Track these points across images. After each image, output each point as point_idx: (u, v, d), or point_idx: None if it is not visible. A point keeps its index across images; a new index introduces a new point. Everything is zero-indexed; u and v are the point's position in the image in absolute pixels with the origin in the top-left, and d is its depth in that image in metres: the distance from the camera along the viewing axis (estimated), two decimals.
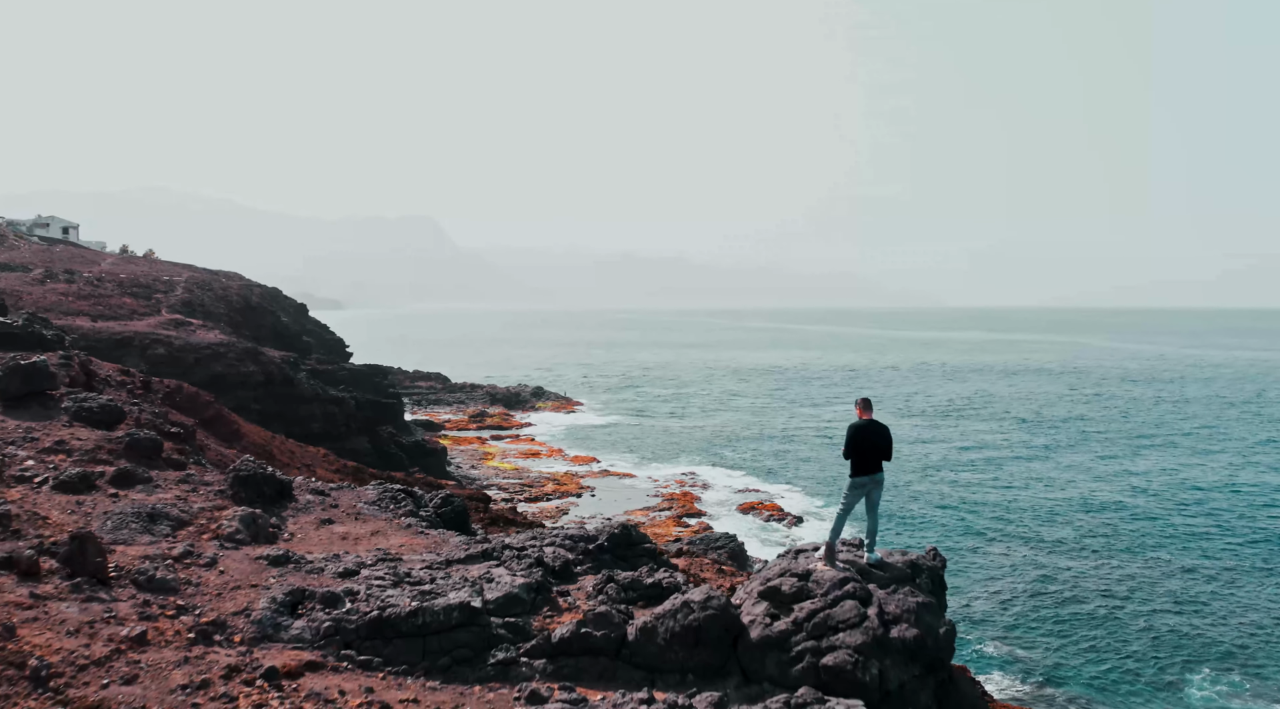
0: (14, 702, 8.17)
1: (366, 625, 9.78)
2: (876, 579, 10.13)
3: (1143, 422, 76.94)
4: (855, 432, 10.78)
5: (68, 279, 65.98)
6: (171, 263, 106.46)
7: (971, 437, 69.49)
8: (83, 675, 8.62)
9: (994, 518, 43.21)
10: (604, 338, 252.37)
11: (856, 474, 10.69)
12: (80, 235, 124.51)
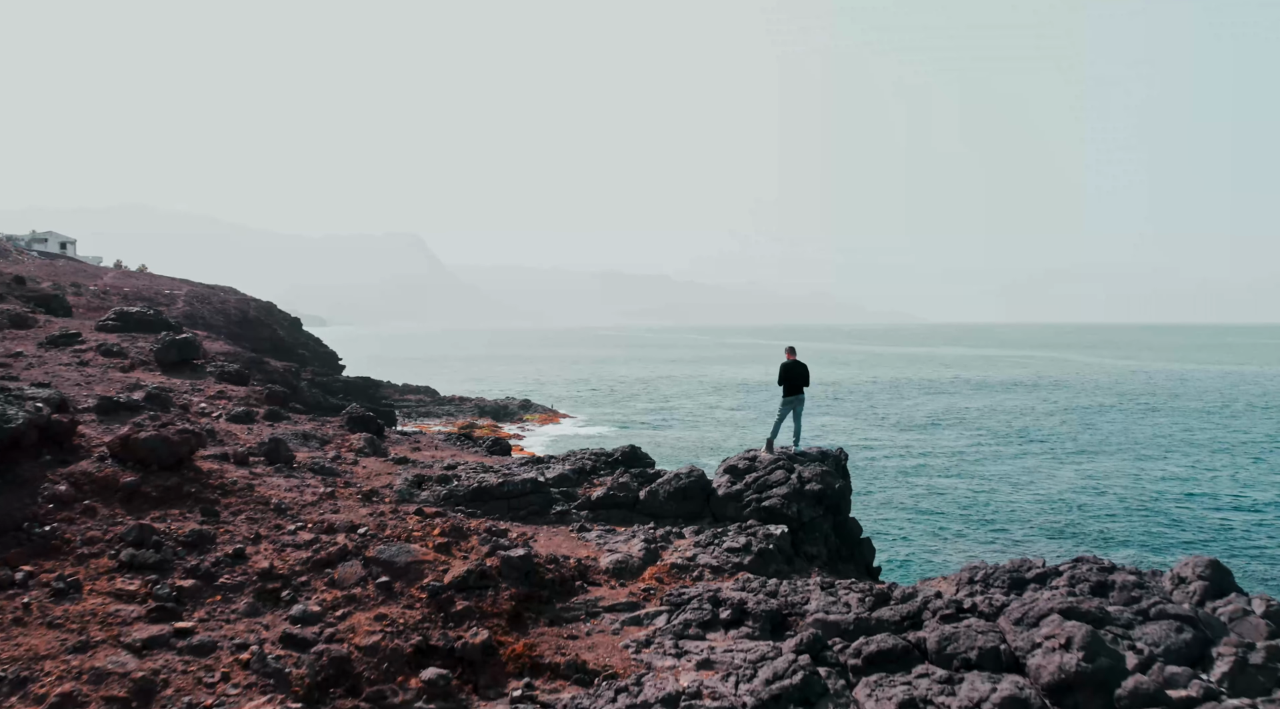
0: (270, 522, 13.46)
1: (470, 493, 15.14)
2: (799, 460, 15.61)
3: (1110, 431, 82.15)
4: (784, 368, 16.48)
5: (75, 292, 70.68)
6: (169, 278, 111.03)
7: (946, 446, 74.61)
8: (305, 510, 13.96)
9: (965, 521, 48.34)
10: (587, 354, 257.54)
11: (785, 395, 16.30)
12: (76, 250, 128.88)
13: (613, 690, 10.20)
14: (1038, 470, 60.78)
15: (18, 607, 10.86)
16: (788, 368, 17.38)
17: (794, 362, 16.85)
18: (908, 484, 58.39)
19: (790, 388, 16.81)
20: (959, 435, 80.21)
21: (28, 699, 9.61)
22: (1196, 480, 56.74)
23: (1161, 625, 10.29)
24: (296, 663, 10.37)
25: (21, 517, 12.43)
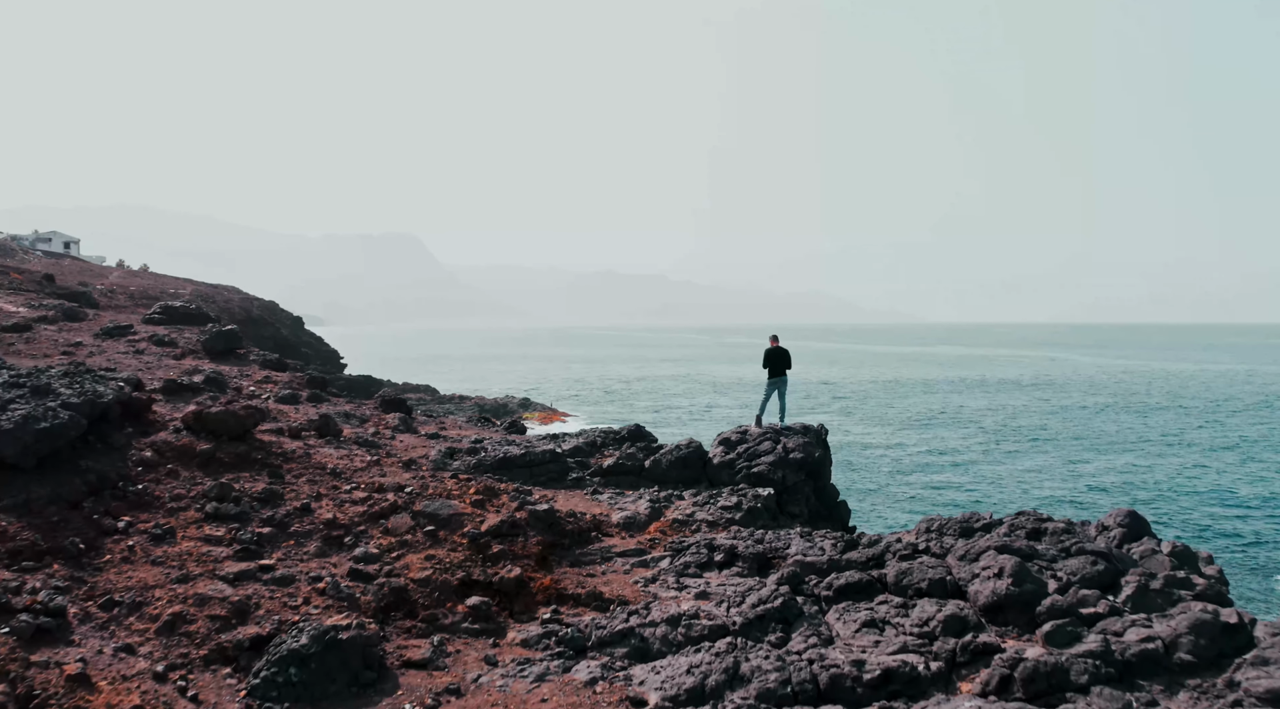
0: (328, 483, 15.57)
1: (496, 462, 17.27)
2: (784, 434, 17.74)
3: (1101, 428, 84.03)
4: (767, 353, 18.73)
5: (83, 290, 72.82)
6: (174, 277, 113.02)
7: (941, 443, 76.63)
8: (356, 474, 16.08)
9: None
10: (585, 354, 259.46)
11: (770, 377, 18.48)
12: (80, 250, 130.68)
13: (625, 613, 12.33)
14: (1028, 466, 62.83)
15: (124, 548, 12.97)
16: (771, 353, 19.90)
17: (776, 348, 19.23)
18: (896, 479, 60.48)
19: (774, 370, 19.16)
20: (951, 432, 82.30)
21: (144, 618, 11.71)
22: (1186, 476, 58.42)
23: (1080, 560, 12.43)
24: (363, 591, 12.49)
25: (117, 477, 14.54)
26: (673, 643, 11.68)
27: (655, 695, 10.61)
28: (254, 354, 23.17)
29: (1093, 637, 10.85)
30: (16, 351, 22.18)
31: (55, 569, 12.30)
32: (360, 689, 10.81)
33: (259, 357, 22.87)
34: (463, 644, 11.93)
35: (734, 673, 10.74)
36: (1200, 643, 10.63)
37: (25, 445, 13.92)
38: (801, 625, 12.07)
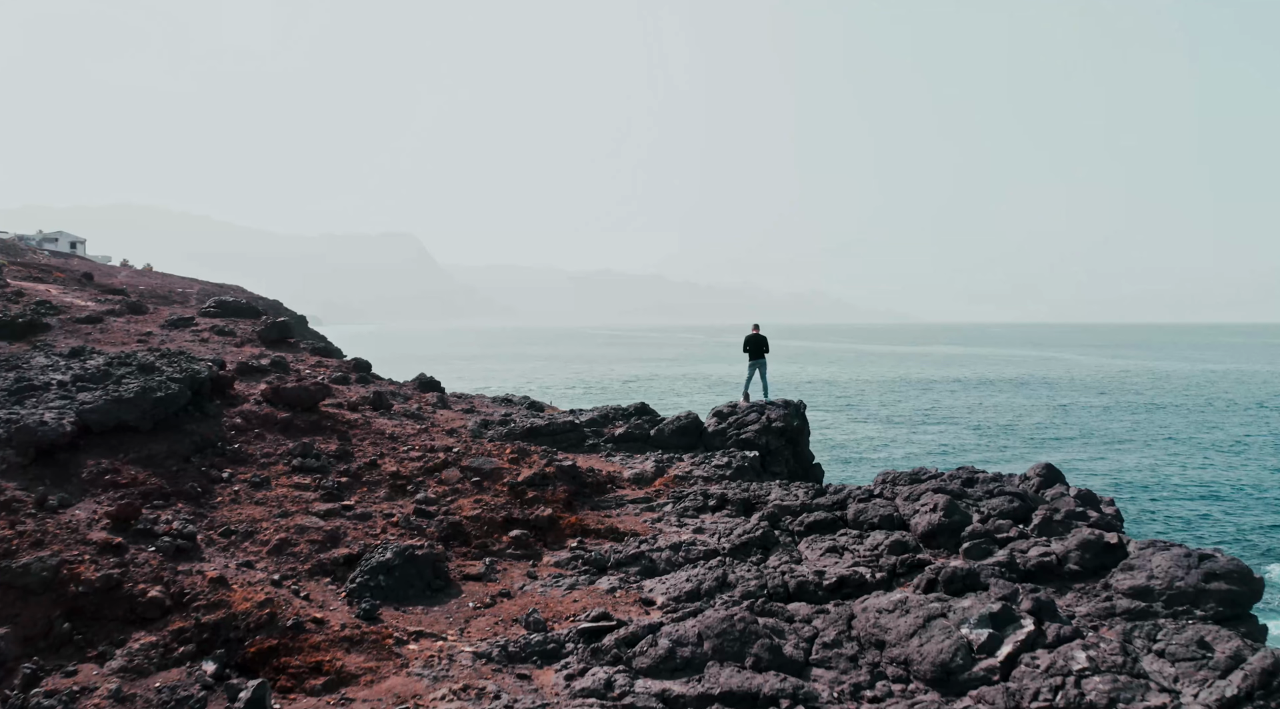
0: (388, 446, 18.64)
1: (524, 431, 20.37)
2: (768, 407, 20.87)
3: (1094, 426, 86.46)
4: (747, 338, 21.97)
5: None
6: (180, 277, 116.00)
7: (937, 442, 79.17)
8: (410, 438, 19.16)
9: None
10: (584, 353, 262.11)
11: (750, 359, 21.69)
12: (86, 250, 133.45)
13: (637, 542, 15.43)
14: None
15: (231, 492, 16.06)
16: (750, 339, 23.35)
17: (756, 335, 22.56)
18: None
19: (753, 353, 22.49)
20: (945, 430, 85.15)
21: (256, 543, 14.80)
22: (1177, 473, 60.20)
23: (1000, 499, 15.54)
24: (427, 524, 15.58)
25: (215, 438, 17.62)
26: (674, 563, 14.78)
27: (661, 597, 13.70)
28: (303, 343, 26.24)
29: (1002, 552, 13.96)
30: (95, 340, 25.22)
31: (180, 507, 15.39)
32: (432, 593, 13.90)
33: (308, 345, 25.93)
34: (508, 564, 15.03)
35: (723, 581, 13.83)
36: (1086, 557, 13.73)
37: (144, 411, 17.01)
38: (778, 551, 15.16)
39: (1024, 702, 10.48)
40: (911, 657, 11.44)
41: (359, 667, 11.86)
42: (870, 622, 12.21)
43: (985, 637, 11.40)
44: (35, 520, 14.14)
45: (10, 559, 13.15)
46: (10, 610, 12.71)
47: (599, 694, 10.95)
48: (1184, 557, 12.96)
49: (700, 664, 11.43)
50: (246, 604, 12.76)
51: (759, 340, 23.52)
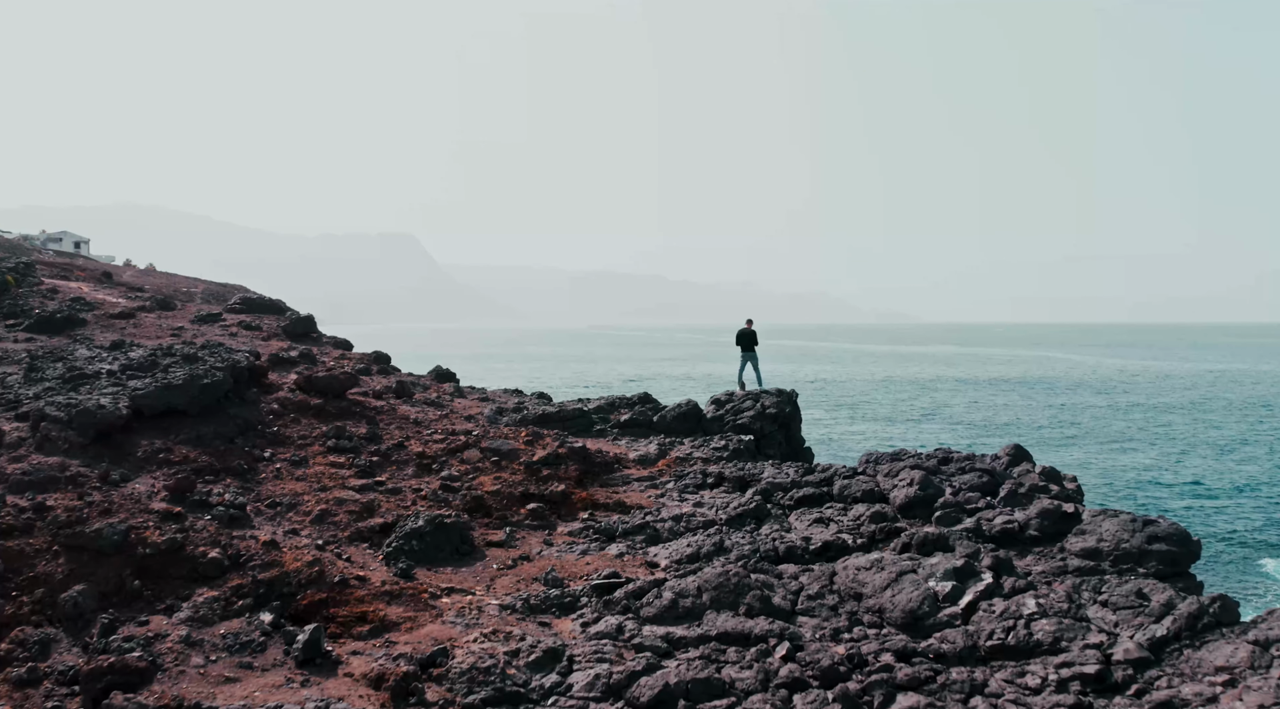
0: (412, 429, 20.23)
1: (537, 417, 21.98)
2: (762, 395, 22.49)
3: (1089, 425, 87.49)
4: (740, 332, 23.66)
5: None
6: (184, 276, 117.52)
7: (934, 440, 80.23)
8: (432, 423, 20.76)
9: None
10: (585, 353, 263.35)
11: (743, 351, 23.38)
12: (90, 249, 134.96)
13: (642, 514, 17.03)
14: None
15: (274, 470, 17.66)
16: (742, 332, 25.16)
17: (747, 329, 24.35)
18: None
19: (745, 345, 24.27)
20: (940, 428, 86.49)
21: (299, 513, 16.40)
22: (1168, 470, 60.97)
23: (971, 475, 17.16)
24: (453, 498, 17.18)
25: (255, 421, 19.23)
26: (676, 532, 16.39)
27: (665, 560, 15.31)
28: (325, 337, 27.84)
29: (970, 520, 15.58)
30: (130, 334, 26.84)
31: (229, 482, 17.00)
32: (460, 557, 15.50)
33: (330, 339, 27.52)
34: (527, 533, 16.63)
35: (720, 546, 15.44)
36: (1045, 524, 15.34)
37: (192, 396, 18.62)
38: (769, 522, 16.77)
39: (980, 641, 12.09)
40: (885, 606, 13.05)
41: (399, 616, 13.47)
42: (850, 577, 13.82)
43: (949, 588, 13.02)
44: (101, 492, 15.77)
45: (83, 525, 14.77)
46: (86, 570, 14.33)
47: (611, 636, 12.56)
48: (1130, 522, 14.57)
49: (700, 612, 13.04)
50: (296, 564, 14.38)
51: (750, 334, 25.21)
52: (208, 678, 12.21)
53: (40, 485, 15.91)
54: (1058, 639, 11.89)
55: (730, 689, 11.10)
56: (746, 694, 10.94)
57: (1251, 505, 50.13)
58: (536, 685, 11.65)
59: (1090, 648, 11.69)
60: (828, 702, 10.57)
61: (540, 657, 12.16)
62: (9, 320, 28.19)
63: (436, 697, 11.56)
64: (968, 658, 11.82)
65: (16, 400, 19.42)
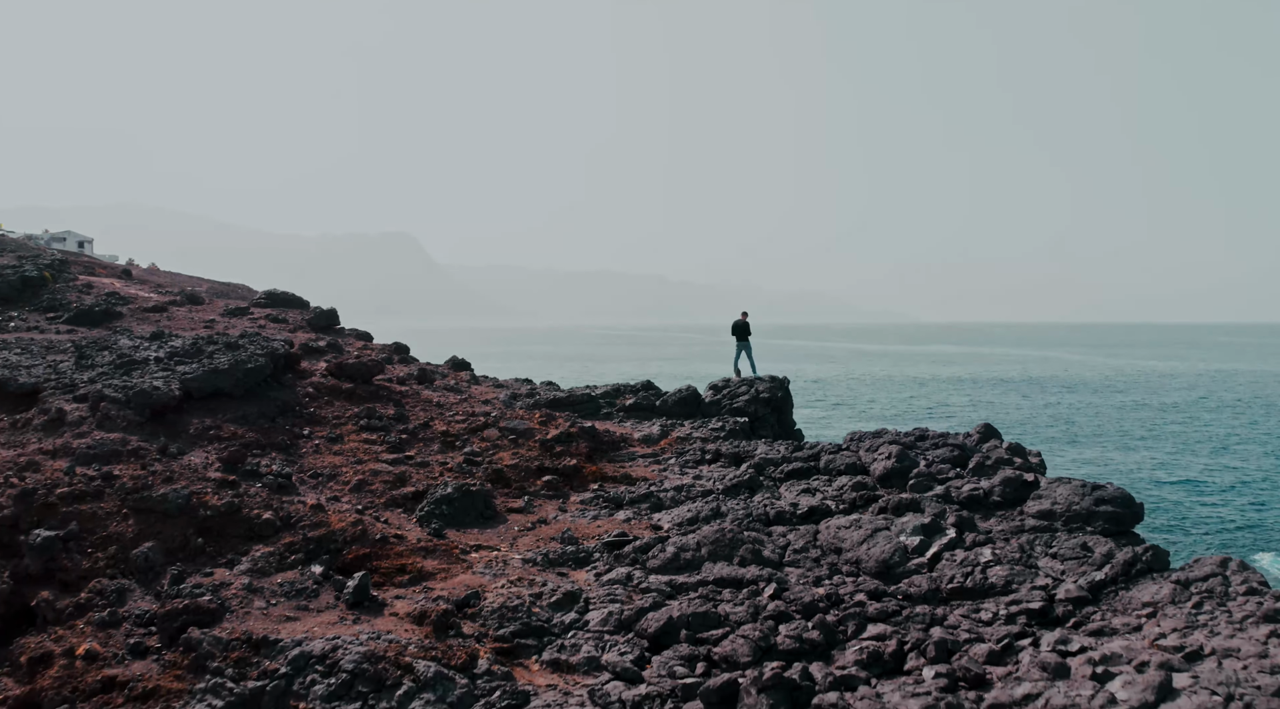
0: (435, 411, 22.04)
1: (549, 401, 23.81)
2: (757, 382, 24.33)
3: (1083, 422, 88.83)
4: (734, 323, 25.51)
5: None
6: (188, 276, 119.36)
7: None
8: (453, 406, 22.56)
9: None
10: (584, 352, 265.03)
11: (738, 341, 25.27)
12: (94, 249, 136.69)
13: (647, 485, 18.86)
14: None
15: (313, 446, 19.48)
16: (736, 323, 27.11)
17: (742, 321, 26.31)
18: None
19: (740, 335, 26.23)
20: (935, 425, 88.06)
21: (339, 483, 18.22)
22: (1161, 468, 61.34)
23: (943, 449, 19.00)
24: (475, 470, 19.00)
25: (293, 403, 21.04)
26: (677, 500, 18.21)
27: (667, 523, 17.14)
28: (346, 329, 29.66)
29: (940, 488, 17.42)
30: (166, 326, 28.65)
31: (275, 455, 18.82)
32: (485, 521, 17.33)
33: (351, 331, 29.33)
34: (543, 502, 18.46)
35: (717, 511, 17.26)
36: (1007, 490, 17.17)
37: (236, 379, 20.44)
38: (761, 491, 18.61)
39: (942, 585, 13.93)
40: (861, 557, 14.89)
41: (434, 567, 15.30)
42: (831, 535, 15.66)
43: (917, 542, 14.86)
44: (162, 463, 17.60)
45: (149, 491, 16.61)
46: (153, 529, 16.16)
47: (621, 583, 14.40)
48: (1080, 487, 16.40)
49: (698, 563, 14.87)
50: (341, 524, 16.21)
51: (744, 325, 27.12)
52: (270, 617, 14.04)
53: (105, 458, 17.74)
54: (1009, 582, 13.72)
55: (725, 621, 12.93)
56: (738, 625, 12.77)
57: (1247, 501, 51.19)
58: (558, 622, 13.48)
59: (1037, 589, 13.52)
60: (808, 629, 12.40)
61: (560, 599, 14.00)
62: (49, 313, 30.00)
63: (472, 630, 13.39)
64: (931, 598, 13.65)
65: (72, 384, 21.23)
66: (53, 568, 15.56)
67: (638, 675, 12.10)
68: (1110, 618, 12.73)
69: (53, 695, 13.06)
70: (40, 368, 22.65)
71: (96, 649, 13.80)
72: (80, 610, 14.65)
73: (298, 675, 12.48)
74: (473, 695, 11.98)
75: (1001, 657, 11.52)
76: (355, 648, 12.71)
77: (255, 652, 13.22)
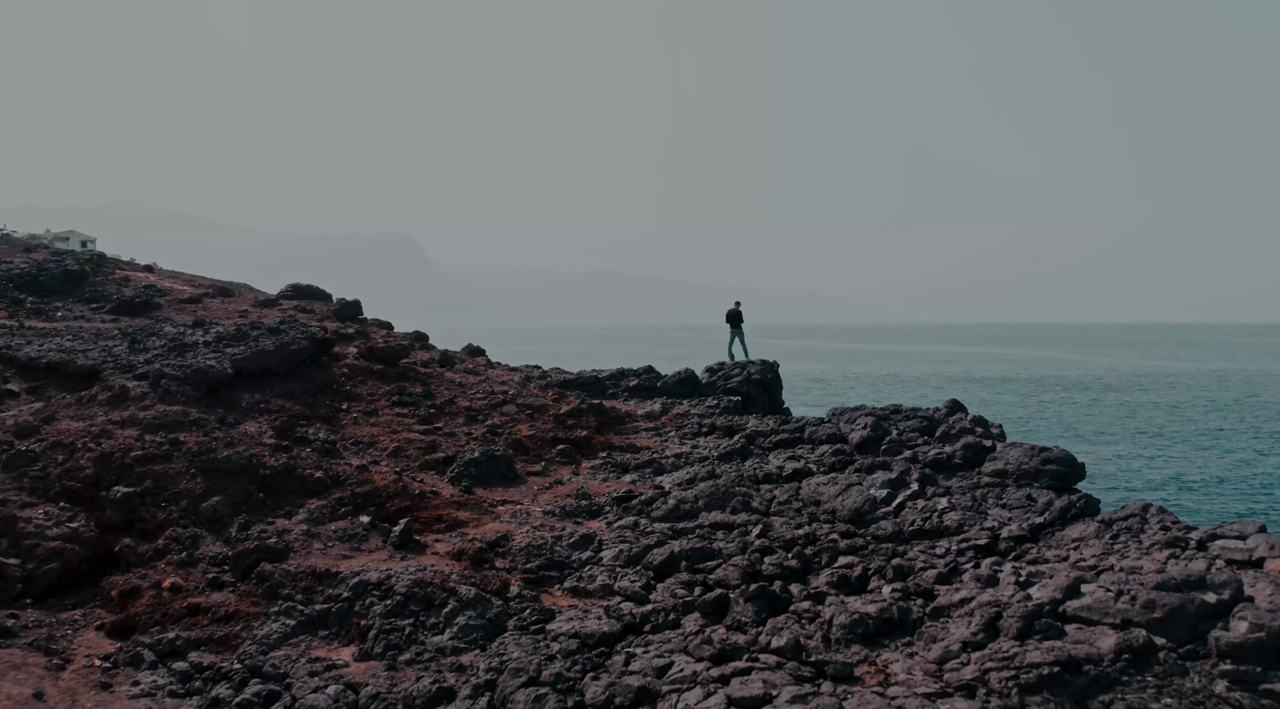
0: (458, 390, 24.39)
1: (560, 382, 26.18)
2: (749, 365, 26.75)
3: (1077, 421, 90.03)
4: (728, 312, 27.87)
5: None
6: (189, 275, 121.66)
7: None
8: (473, 385, 24.93)
9: None
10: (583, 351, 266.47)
11: (731, 328, 27.64)
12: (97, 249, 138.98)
13: (650, 453, 21.22)
14: None
15: (351, 418, 21.81)
16: (730, 312, 29.39)
17: (735, 309, 28.69)
18: None
19: (733, 323, 28.62)
20: None
21: (377, 449, 20.54)
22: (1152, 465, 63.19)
23: (914, 421, 21.37)
24: (497, 440, 21.33)
25: (331, 382, 23.37)
26: (678, 465, 20.57)
27: (669, 484, 19.49)
28: (369, 319, 31.99)
29: (908, 452, 19.80)
30: (204, 315, 30.94)
31: (319, 426, 21.15)
32: (507, 482, 19.67)
33: (374, 321, 31.66)
34: (558, 467, 20.81)
35: (712, 473, 19.62)
36: (967, 454, 19.53)
37: (282, 359, 22.77)
38: (752, 458, 20.96)
39: (904, 528, 16.30)
40: (836, 508, 17.26)
41: (467, 517, 17.65)
42: (812, 490, 18.03)
43: (885, 494, 17.23)
44: (222, 431, 19.93)
45: (213, 453, 18.93)
46: (219, 486, 18.49)
47: (629, 528, 16.75)
48: (1030, 449, 18.77)
49: (696, 513, 17.23)
50: (384, 481, 18.56)
51: (737, 314, 29.49)
52: (329, 556, 16.38)
53: (169, 427, 20.07)
54: (961, 525, 16.10)
55: (718, 555, 15.29)
56: (729, 557, 15.13)
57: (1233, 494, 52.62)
58: (576, 558, 15.84)
59: (985, 530, 15.89)
60: (788, 559, 14.76)
61: (578, 540, 16.36)
62: (92, 304, 32.28)
63: (503, 565, 15.74)
64: (894, 538, 16.03)
65: (130, 365, 23.53)
66: (131, 519, 17.90)
67: (645, 597, 14.46)
68: (1044, 551, 15.09)
69: (145, 619, 15.40)
70: (95, 351, 24.93)
71: (180, 583, 16.16)
72: (159, 554, 16.97)
73: (358, 599, 14.83)
74: (507, 613, 14.34)
75: (948, 578, 13.89)
76: (406, 576, 15.06)
77: (320, 581, 15.59)
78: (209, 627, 14.98)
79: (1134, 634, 10.87)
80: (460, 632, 13.85)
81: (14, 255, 39.45)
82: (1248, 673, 10.37)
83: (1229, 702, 10.22)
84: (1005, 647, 11.08)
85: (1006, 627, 11.43)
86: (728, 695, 10.77)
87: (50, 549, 16.76)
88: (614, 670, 12.00)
